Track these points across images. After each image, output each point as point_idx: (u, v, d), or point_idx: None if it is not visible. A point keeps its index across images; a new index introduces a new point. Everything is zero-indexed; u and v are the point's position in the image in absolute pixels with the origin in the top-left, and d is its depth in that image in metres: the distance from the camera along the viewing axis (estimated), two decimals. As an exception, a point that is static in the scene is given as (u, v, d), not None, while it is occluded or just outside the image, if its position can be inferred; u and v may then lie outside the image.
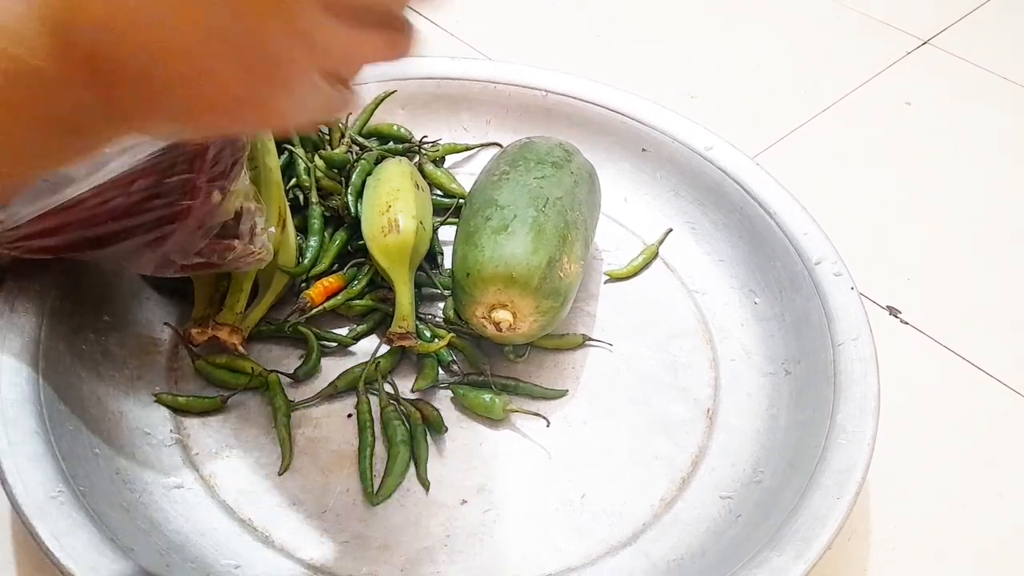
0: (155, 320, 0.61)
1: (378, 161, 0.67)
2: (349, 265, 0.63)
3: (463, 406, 0.58)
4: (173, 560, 0.48)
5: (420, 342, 0.59)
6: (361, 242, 0.63)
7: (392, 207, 0.62)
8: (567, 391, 0.60)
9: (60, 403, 0.52)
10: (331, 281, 0.62)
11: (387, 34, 0.33)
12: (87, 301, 0.58)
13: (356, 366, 0.59)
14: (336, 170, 0.66)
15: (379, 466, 0.55)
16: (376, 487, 0.54)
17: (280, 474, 0.54)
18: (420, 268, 0.63)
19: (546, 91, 0.74)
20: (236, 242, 0.54)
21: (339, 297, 0.62)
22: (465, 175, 0.71)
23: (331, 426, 0.57)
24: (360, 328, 0.62)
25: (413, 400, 0.58)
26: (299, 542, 0.52)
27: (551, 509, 0.54)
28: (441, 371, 0.60)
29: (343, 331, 0.62)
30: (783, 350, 0.61)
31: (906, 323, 0.68)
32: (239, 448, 0.56)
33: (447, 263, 0.65)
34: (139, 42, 0.29)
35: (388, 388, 0.59)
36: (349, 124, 0.70)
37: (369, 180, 0.65)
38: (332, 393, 0.58)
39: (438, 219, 0.68)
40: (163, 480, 0.53)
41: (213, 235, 0.53)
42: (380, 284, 0.63)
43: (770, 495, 0.53)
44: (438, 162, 0.72)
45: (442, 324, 0.61)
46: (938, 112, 0.89)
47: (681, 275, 0.68)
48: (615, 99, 0.74)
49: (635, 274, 0.68)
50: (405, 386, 0.59)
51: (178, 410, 0.57)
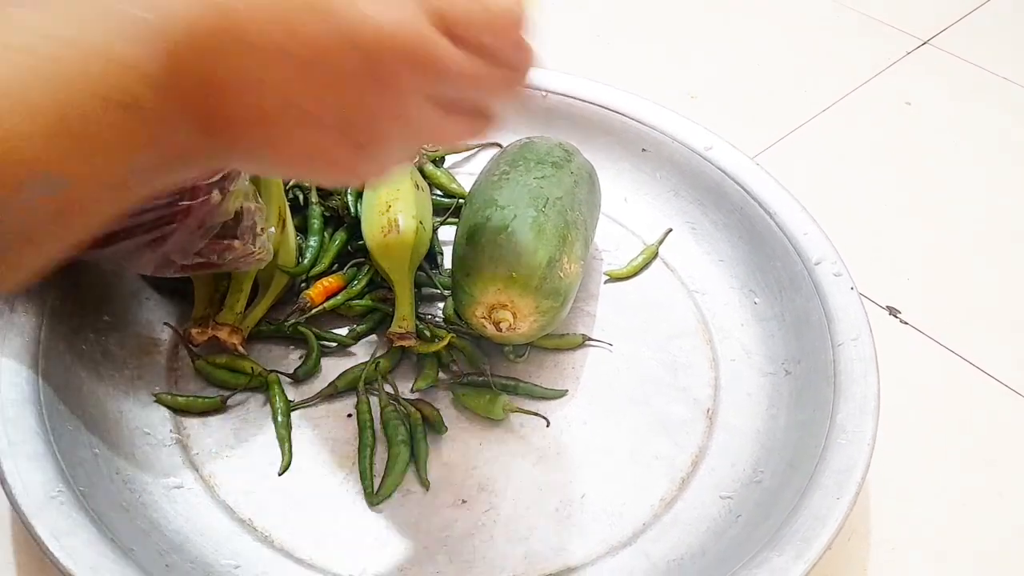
0: (155, 320, 0.61)
1: (378, 161, 0.67)
2: (349, 265, 0.63)
3: (463, 406, 0.58)
4: (173, 560, 0.48)
5: (420, 342, 0.59)
6: (361, 242, 0.63)
7: (392, 207, 0.62)
8: (567, 391, 0.60)
9: (60, 403, 0.52)
10: (331, 281, 0.62)
11: (476, 120, 0.37)
12: (87, 301, 0.58)
13: (356, 366, 0.59)
14: (336, 170, 0.66)
15: (379, 466, 0.55)
16: (376, 487, 0.54)
17: (280, 474, 0.54)
18: (420, 268, 0.63)
19: (546, 91, 0.74)
20: (236, 242, 0.54)
21: (339, 297, 0.62)
22: (465, 175, 0.71)
23: (331, 426, 0.57)
24: (360, 328, 0.62)
25: (413, 400, 0.58)
26: (299, 542, 0.52)
27: (551, 509, 0.54)
28: (441, 371, 0.60)
29: (343, 331, 0.62)
30: (783, 350, 0.61)
31: (906, 323, 0.68)
32: (239, 448, 0.56)
33: (447, 263, 0.65)
34: (264, 99, 0.32)
35: (388, 388, 0.59)
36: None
37: (369, 180, 0.65)
38: (332, 393, 0.58)
39: (438, 219, 0.68)
40: (163, 480, 0.53)
41: (213, 235, 0.53)
42: (380, 284, 0.63)
43: (770, 495, 0.53)
44: (438, 162, 0.72)
45: (442, 324, 0.61)
46: (938, 112, 0.89)
47: (681, 275, 0.68)
48: (615, 99, 0.74)
49: (635, 274, 0.68)
50: (405, 386, 0.59)
51: (178, 410, 0.57)
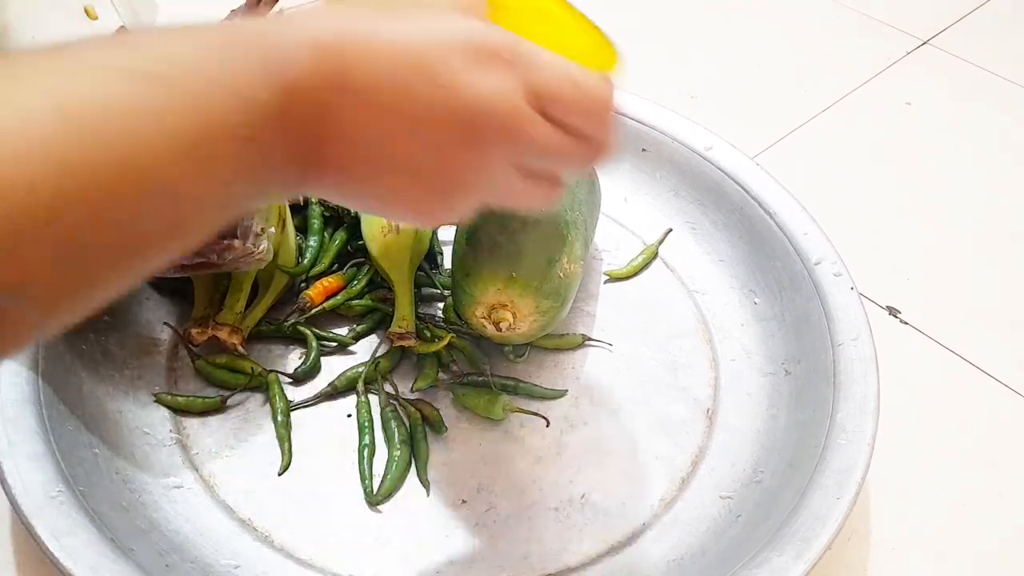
0: (155, 320, 0.61)
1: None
2: (349, 265, 0.63)
3: (463, 406, 0.58)
4: (173, 560, 0.48)
5: (420, 342, 0.59)
6: (361, 242, 0.63)
7: (392, 207, 0.62)
8: (567, 391, 0.60)
9: (60, 403, 0.52)
10: (331, 281, 0.62)
11: (550, 187, 0.38)
12: (87, 301, 0.58)
13: (356, 366, 0.59)
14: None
15: (379, 466, 0.55)
16: (376, 487, 0.54)
17: (280, 474, 0.54)
18: (420, 268, 0.63)
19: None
20: (236, 242, 0.54)
21: (339, 297, 0.62)
22: (465, 175, 0.71)
23: (331, 426, 0.57)
24: (360, 328, 0.62)
25: (413, 400, 0.58)
26: (299, 542, 0.52)
27: (551, 509, 0.54)
28: (441, 371, 0.60)
29: (343, 331, 0.62)
30: (783, 350, 0.61)
31: (906, 323, 0.68)
32: (239, 448, 0.56)
33: (447, 263, 0.65)
34: (366, 148, 0.34)
35: (388, 388, 0.59)
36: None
37: (369, 180, 0.65)
38: (332, 393, 0.58)
39: (438, 219, 0.68)
40: (163, 480, 0.53)
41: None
42: (380, 284, 0.63)
43: (770, 495, 0.53)
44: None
45: (442, 324, 0.61)
46: (938, 112, 0.89)
47: (681, 275, 0.68)
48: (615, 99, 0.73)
49: (635, 274, 0.68)
50: (405, 386, 0.59)
51: (178, 410, 0.57)
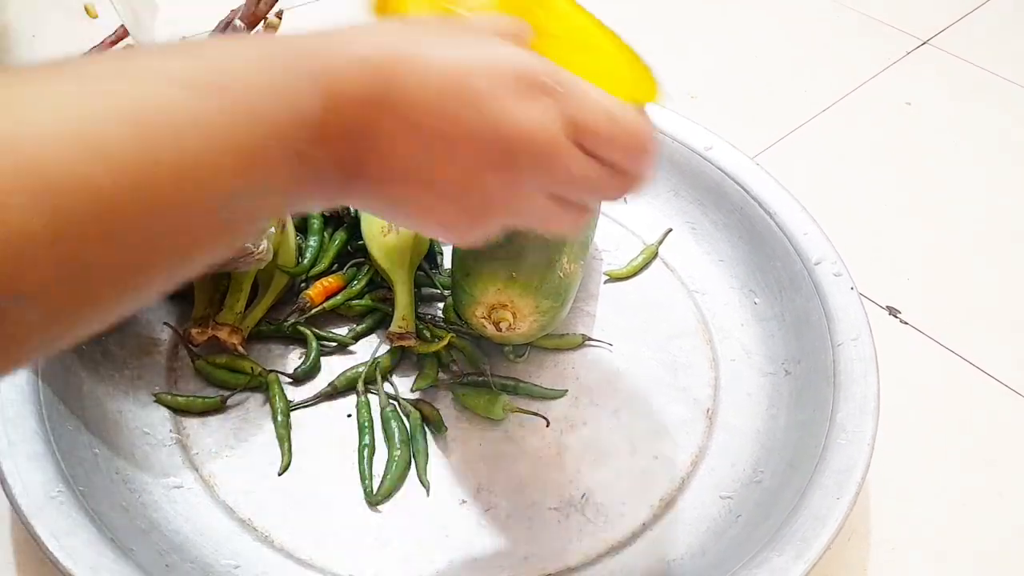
0: (155, 320, 0.61)
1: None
2: (349, 265, 0.63)
3: (463, 406, 0.58)
4: (173, 560, 0.48)
5: (420, 342, 0.59)
6: (361, 242, 0.63)
7: (392, 207, 0.62)
8: (567, 391, 0.60)
9: (60, 403, 0.52)
10: (331, 281, 0.62)
11: (574, 212, 0.39)
12: (87, 301, 0.58)
13: (356, 366, 0.59)
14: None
15: (379, 466, 0.55)
16: (376, 487, 0.54)
17: (280, 474, 0.54)
18: (420, 268, 0.63)
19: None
20: (236, 242, 0.54)
21: (339, 297, 0.62)
22: (465, 175, 0.71)
23: (331, 426, 0.57)
24: (360, 328, 0.62)
25: (413, 400, 0.58)
26: (299, 542, 0.52)
27: (551, 509, 0.54)
28: (441, 371, 0.60)
29: (343, 331, 0.62)
30: (783, 350, 0.61)
31: (906, 323, 0.68)
32: (239, 448, 0.56)
33: (447, 263, 0.65)
34: (405, 166, 0.34)
35: (388, 388, 0.59)
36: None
37: (369, 180, 0.65)
38: (332, 393, 0.58)
39: (438, 219, 0.68)
40: (163, 480, 0.53)
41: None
42: (380, 284, 0.63)
43: (770, 495, 0.53)
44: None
45: (442, 324, 0.61)
46: (938, 112, 0.89)
47: (681, 275, 0.68)
48: (615, 99, 0.74)
49: (635, 274, 0.68)
50: (405, 386, 0.59)
51: (178, 410, 0.57)
